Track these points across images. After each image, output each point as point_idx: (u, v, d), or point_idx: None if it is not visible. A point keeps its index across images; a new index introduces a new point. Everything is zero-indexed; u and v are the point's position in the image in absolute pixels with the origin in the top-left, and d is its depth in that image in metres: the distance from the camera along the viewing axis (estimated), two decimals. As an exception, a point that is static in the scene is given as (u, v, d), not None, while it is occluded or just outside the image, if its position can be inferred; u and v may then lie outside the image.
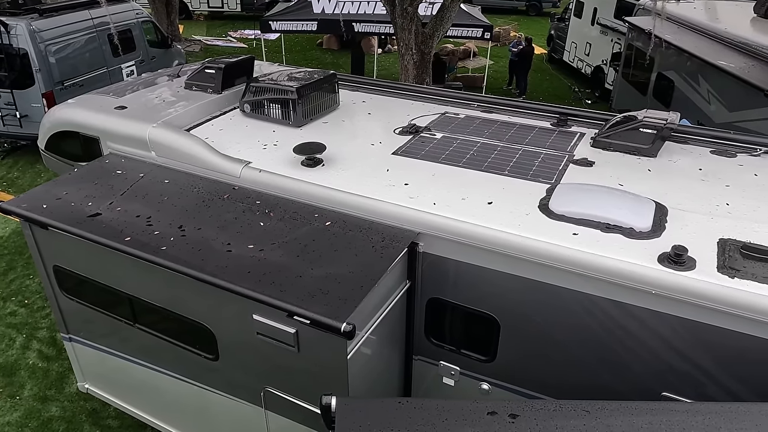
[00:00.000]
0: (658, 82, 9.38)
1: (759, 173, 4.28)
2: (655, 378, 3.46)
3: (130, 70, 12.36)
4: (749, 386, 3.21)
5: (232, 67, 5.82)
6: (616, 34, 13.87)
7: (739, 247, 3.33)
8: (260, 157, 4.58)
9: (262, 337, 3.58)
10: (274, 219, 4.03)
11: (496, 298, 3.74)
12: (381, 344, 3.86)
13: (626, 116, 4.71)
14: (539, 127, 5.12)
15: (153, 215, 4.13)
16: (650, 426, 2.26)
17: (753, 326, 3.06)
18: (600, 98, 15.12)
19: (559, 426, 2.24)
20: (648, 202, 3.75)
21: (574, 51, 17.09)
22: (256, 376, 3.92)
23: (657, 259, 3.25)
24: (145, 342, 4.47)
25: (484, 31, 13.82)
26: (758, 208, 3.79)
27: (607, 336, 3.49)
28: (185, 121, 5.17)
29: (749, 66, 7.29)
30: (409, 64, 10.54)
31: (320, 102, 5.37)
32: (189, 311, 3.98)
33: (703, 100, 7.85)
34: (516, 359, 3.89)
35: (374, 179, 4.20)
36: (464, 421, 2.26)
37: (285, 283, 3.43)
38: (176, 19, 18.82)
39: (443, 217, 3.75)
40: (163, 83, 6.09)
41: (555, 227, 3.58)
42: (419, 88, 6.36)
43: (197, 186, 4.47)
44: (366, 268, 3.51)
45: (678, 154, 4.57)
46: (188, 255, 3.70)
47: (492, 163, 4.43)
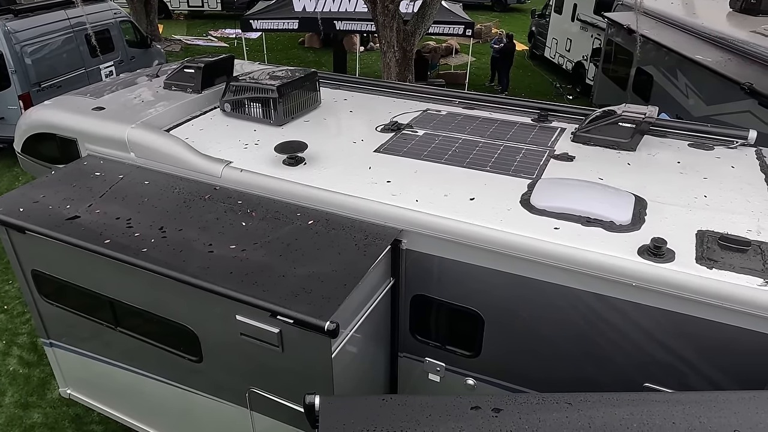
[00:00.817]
0: (638, 77, 9.48)
1: (736, 165, 4.35)
2: (638, 369, 3.50)
3: (108, 71, 12.20)
4: (729, 375, 3.27)
5: (212, 66, 5.77)
6: (596, 29, 14.00)
7: (717, 238, 3.37)
8: (241, 157, 4.54)
9: (245, 338, 3.56)
10: (256, 219, 4.00)
11: (480, 294, 3.75)
12: (366, 342, 3.86)
13: (605, 111, 4.75)
14: (520, 123, 5.15)
15: (133, 217, 4.08)
16: (631, 416, 2.28)
17: (731, 316, 3.11)
18: (581, 93, 15.26)
19: (542, 419, 2.25)
20: (627, 195, 3.79)
21: (555, 47, 17.23)
22: (240, 377, 3.90)
23: (637, 252, 3.29)
24: (128, 345, 4.42)
25: (466, 28, 13.86)
26: (735, 199, 3.85)
27: (590, 329, 3.52)
28: (165, 121, 5.11)
29: (725, 60, 7.39)
30: (392, 62, 10.54)
31: (301, 100, 5.34)
32: (171, 313, 3.93)
33: (681, 94, 7.95)
34: (500, 354, 3.91)
35: (356, 177, 4.19)
36: (448, 416, 2.26)
37: (268, 282, 3.41)
38: (155, 18, 18.59)
39: (426, 214, 3.75)
40: (142, 83, 6.01)
41: (536, 222, 3.60)
42: (400, 85, 6.37)
43: (178, 187, 4.42)
44: (349, 266, 3.50)
45: (657, 147, 4.63)
46: (169, 256, 3.66)
47: (474, 159, 4.44)
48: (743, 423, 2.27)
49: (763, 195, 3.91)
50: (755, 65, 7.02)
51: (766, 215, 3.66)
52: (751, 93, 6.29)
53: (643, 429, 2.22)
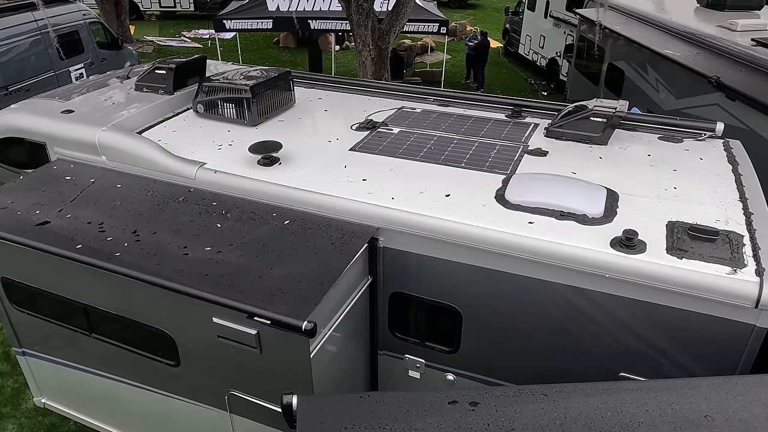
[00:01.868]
0: (609, 73, 9.63)
1: (704, 157, 4.44)
2: (613, 359, 3.56)
3: (79, 73, 11.98)
4: (701, 362, 3.34)
5: (184, 67, 5.70)
6: (569, 26, 14.17)
7: (687, 228, 3.44)
8: (215, 158, 4.50)
9: (223, 340, 3.53)
10: (232, 220, 3.97)
11: (457, 290, 3.78)
12: (345, 341, 3.86)
13: (577, 106, 4.81)
14: (494, 119, 5.19)
15: (105, 221, 4.01)
16: (605, 406, 2.32)
17: (701, 304, 3.18)
18: (555, 89, 15.43)
19: (519, 411, 2.27)
20: (600, 188, 3.85)
21: (529, 44, 17.39)
22: (219, 380, 3.86)
23: (609, 244, 3.34)
24: (103, 352, 4.35)
25: (440, 26, 13.91)
26: (704, 190, 3.93)
27: (567, 321, 3.57)
28: (136, 123, 5.04)
29: (694, 54, 7.54)
30: (367, 61, 10.54)
31: (275, 100, 5.31)
32: (147, 318, 3.88)
33: (651, 89, 8.10)
34: (479, 349, 3.94)
35: (332, 176, 4.18)
36: (426, 411, 2.28)
37: (244, 284, 3.38)
38: (126, 19, 18.31)
39: (402, 211, 3.76)
40: (113, 85, 5.91)
41: (511, 217, 3.64)
42: (375, 83, 6.37)
43: (151, 189, 4.36)
44: (326, 265, 3.50)
45: (628, 141, 4.70)
46: (143, 260, 3.62)
47: (449, 155, 4.47)
48: (713, 408, 2.33)
49: (730, 186, 4.00)
50: (722, 59, 7.18)
51: (733, 205, 3.75)
52: (718, 86, 6.43)
53: (617, 417, 2.26)
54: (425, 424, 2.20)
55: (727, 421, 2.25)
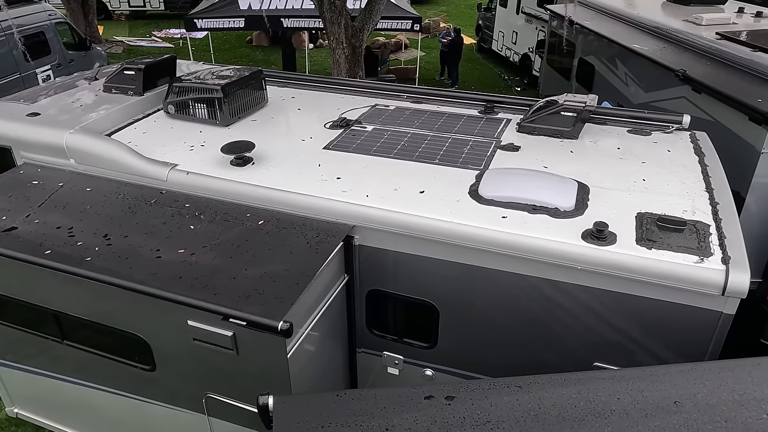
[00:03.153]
0: (580, 68, 9.76)
1: (672, 149, 4.53)
2: (588, 350, 3.62)
3: (46, 75, 11.71)
4: (672, 350, 3.42)
5: (153, 67, 5.61)
6: (540, 22, 14.32)
7: (655, 219, 3.52)
8: (187, 159, 4.45)
9: (199, 343, 3.49)
10: (205, 221, 3.93)
11: (433, 285, 3.80)
12: (322, 340, 3.85)
13: (548, 101, 4.87)
14: (467, 115, 5.22)
15: (75, 225, 3.94)
16: (578, 395, 2.36)
17: (670, 293, 3.25)
18: (528, 85, 15.59)
19: (494, 403, 2.30)
20: (571, 182, 3.90)
21: (502, 40, 17.53)
22: (196, 383, 3.82)
23: (581, 236, 3.39)
24: (77, 359, 4.27)
25: (414, 23, 13.94)
26: (671, 181, 4.02)
27: (542, 313, 3.62)
28: (106, 125, 4.95)
29: (661, 49, 7.69)
30: (341, 59, 10.50)
31: (247, 99, 5.26)
32: (120, 323, 3.82)
33: (621, 83, 8.23)
34: (456, 343, 3.97)
35: (306, 175, 4.17)
36: (402, 407, 2.29)
37: (219, 285, 3.35)
38: (94, 19, 17.97)
39: (377, 209, 3.76)
40: (80, 87, 5.79)
41: (485, 212, 3.67)
42: (348, 81, 6.36)
43: (122, 192, 4.30)
44: (301, 264, 3.48)
45: (598, 134, 4.78)
46: (115, 264, 3.56)
47: (423, 152, 4.48)
48: (682, 394, 2.38)
49: (697, 177, 4.09)
50: (688, 53, 7.33)
51: (700, 196, 3.83)
52: (685, 79, 6.56)
53: (590, 406, 2.30)
54: (402, 420, 2.22)
55: (695, 406, 2.31)
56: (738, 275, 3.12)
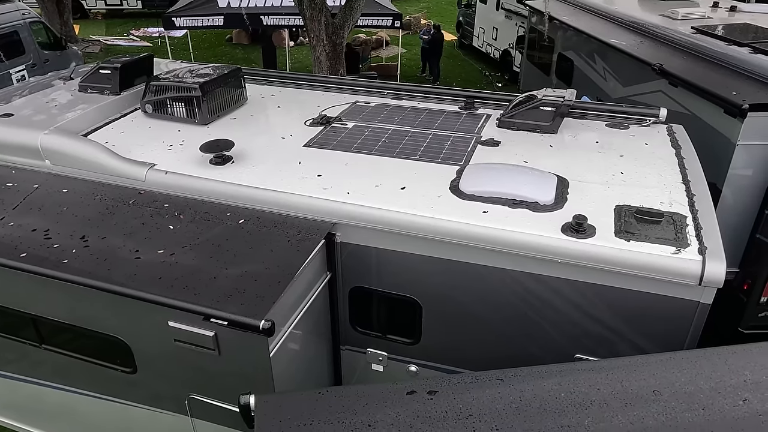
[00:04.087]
0: (560, 63, 9.83)
1: (649, 142, 4.59)
2: (570, 341, 3.65)
3: (20, 75, 11.50)
4: (652, 340, 3.46)
5: (130, 66, 5.53)
6: (520, 18, 14.40)
7: (633, 212, 3.56)
8: (166, 159, 4.39)
9: (180, 344, 3.46)
10: (185, 221, 3.89)
11: (416, 281, 3.81)
12: (305, 338, 3.84)
13: (527, 96, 4.90)
14: (448, 111, 5.23)
15: (51, 228, 3.87)
16: (559, 386, 2.38)
17: (649, 284, 3.29)
18: (509, 81, 15.68)
19: (475, 397, 2.31)
20: (550, 176, 3.93)
21: (483, 36, 17.60)
22: (178, 385, 3.79)
23: (560, 229, 3.42)
24: (56, 363, 4.20)
25: (394, 20, 13.94)
26: (649, 174, 4.06)
27: (524, 306, 3.64)
28: (82, 125, 4.87)
29: (638, 43, 7.77)
30: (322, 56, 10.45)
31: (226, 98, 5.21)
32: (99, 325, 3.77)
33: (600, 78, 8.30)
34: (440, 338, 3.98)
35: (286, 173, 4.14)
36: (384, 403, 2.29)
37: (199, 285, 3.32)
38: (70, 18, 17.68)
39: (358, 206, 3.75)
40: (55, 87, 5.70)
41: (466, 207, 3.68)
42: (328, 78, 6.33)
43: (99, 193, 4.23)
44: (283, 263, 3.47)
45: (576, 129, 4.82)
46: (93, 266, 3.51)
47: (403, 148, 4.48)
48: (661, 383, 2.42)
49: (674, 169, 4.15)
50: (665, 47, 7.42)
51: (677, 188, 3.89)
52: (661, 73, 6.64)
53: (570, 397, 2.33)
54: (384, 416, 2.22)
55: (674, 394, 2.34)
56: (714, 265, 3.16)
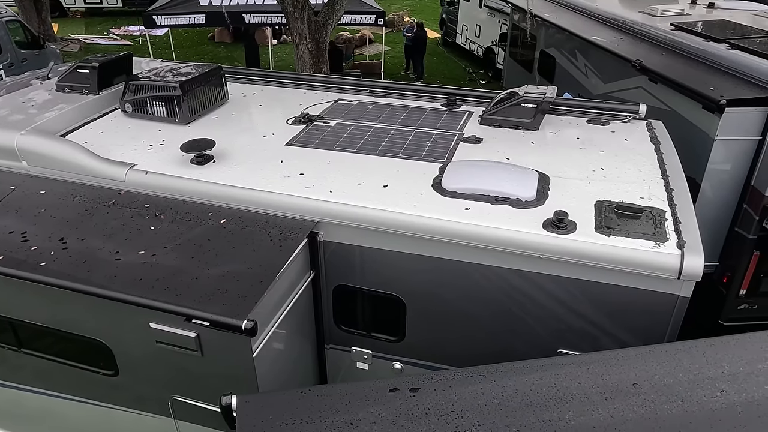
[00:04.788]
0: (542, 60, 9.89)
1: (629, 138, 4.64)
2: (552, 336, 3.68)
3: (-3, 75, 11.30)
4: (633, 333, 3.50)
5: (109, 64, 5.46)
6: (503, 15, 14.46)
7: (614, 207, 3.59)
8: (146, 159, 4.35)
9: (162, 345, 3.43)
10: (166, 222, 3.85)
11: (399, 279, 3.81)
12: (289, 338, 3.82)
13: (509, 93, 4.93)
14: (430, 109, 5.24)
15: (29, 230, 3.81)
16: (541, 381, 2.40)
17: (629, 278, 3.33)
18: (493, 78, 15.75)
19: (458, 393, 2.32)
20: (532, 172, 3.95)
21: (466, 33, 17.65)
22: (161, 387, 3.76)
23: (542, 225, 3.44)
24: (35, 367, 4.14)
25: (378, 18, 13.93)
26: (629, 170, 4.11)
27: (506, 302, 3.66)
28: (59, 126, 4.80)
29: (618, 40, 7.84)
30: (305, 54, 10.41)
31: (207, 96, 5.17)
32: (79, 328, 3.72)
33: (581, 74, 8.37)
34: (424, 336, 3.99)
35: (268, 172, 4.12)
36: (367, 401, 2.29)
37: (180, 286, 3.29)
38: (48, 17, 17.41)
39: (340, 204, 3.75)
40: (31, 87, 5.60)
41: (448, 204, 3.69)
42: (310, 76, 6.31)
43: (78, 194, 4.18)
44: (265, 262, 3.45)
45: (557, 125, 4.85)
46: (72, 268, 3.46)
47: (386, 146, 4.48)
48: (641, 376, 2.45)
49: (653, 164, 4.20)
50: (645, 44, 7.50)
51: (656, 183, 3.93)
52: (641, 69, 6.71)
53: (552, 392, 2.34)
54: (367, 414, 2.22)
55: (653, 387, 2.37)
56: (693, 259, 3.21)
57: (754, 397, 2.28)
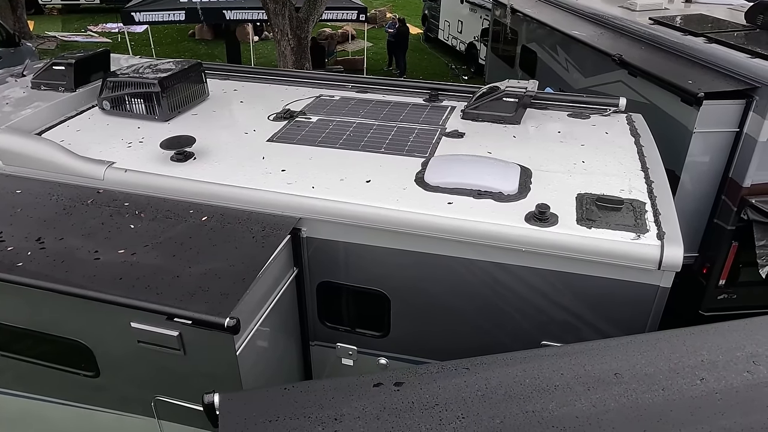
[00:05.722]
0: (523, 55, 9.93)
1: (609, 131, 4.68)
2: (536, 329, 3.71)
3: (-29, 74, 11.04)
4: (614, 324, 3.54)
5: (86, 61, 5.37)
6: (484, 10, 14.49)
7: (594, 199, 3.62)
8: (125, 156, 4.29)
9: (144, 345, 3.38)
10: (146, 220, 3.80)
11: (383, 274, 3.81)
12: (273, 335, 3.80)
13: (490, 87, 4.94)
14: (413, 104, 5.24)
15: (4, 230, 3.73)
16: (524, 373, 2.41)
17: (610, 270, 3.36)
18: (475, 73, 15.79)
19: (442, 386, 2.32)
20: (514, 166, 3.97)
21: (448, 29, 17.67)
22: (143, 387, 3.71)
23: (524, 219, 3.46)
24: (14, 370, 4.06)
25: (359, 13, 13.87)
26: (609, 162, 4.14)
27: (490, 296, 3.68)
28: (35, 124, 4.72)
29: (598, 34, 7.90)
30: (287, 50, 10.33)
31: (187, 93, 5.10)
32: (58, 329, 3.66)
33: (562, 69, 8.42)
34: (409, 330, 3.99)
35: (250, 168, 4.09)
36: (351, 396, 2.29)
37: (162, 285, 3.25)
38: (23, 14, 17.08)
39: (323, 200, 3.73)
40: (6, 84, 5.49)
41: (431, 198, 3.69)
42: (292, 72, 6.27)
43: (56, 193, 4.10)
44: (247, 260, 3.42)
45: (539, 119, 4.88)
46: (49, 268, 3.40)
47: (368, 142, 4.47)
48: (622, 365, 2.47)
49: (633, 157, 4.24)
50: (624, 38, 7.56)
51: (636, 175, 3.97)
52: (621, 63, 6.77)
53: (535, 383, 2.36)
54: (351, 409, 2.21)
55: (634, 376, 2.40)
56: (672, 250, 3.25)
57: (733, 384, 2.32)
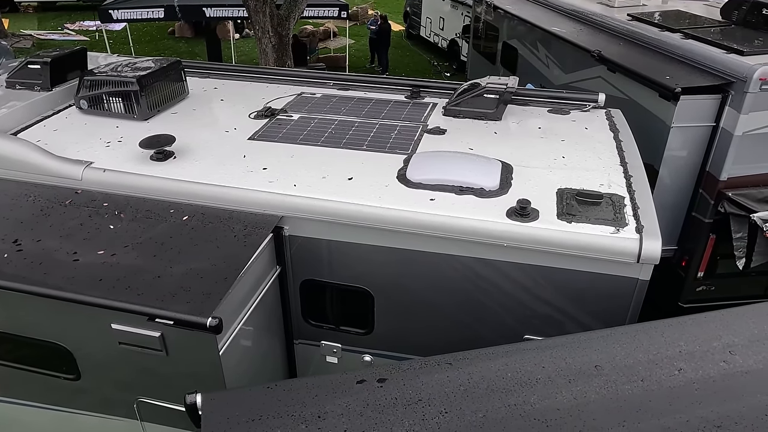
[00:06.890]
0: (505, 51, 9.98)
1: (589, 127, 4.73)
2: (519, 323, 3.74)
3: (-56, 73, 10.80)
4: (596, 317, 3.58)
5: (62, 60, 5.28)
6: (466, 7, 14.52)
7: (575, 194, 3.66)
8: (104, 156, 4.23)
9: (125, 347, 3.35)
10: (126, 220, 3.75)
11: (366, 271, 3.81)
12: (257, 334, 3.78)
13: (471, 84, 4.96)
14: (394, 101, 5.24)
15: (-20, 232, 3.67)
16: (506, 367, 2.43)
17: (590, 263, 3.40)
18: (457, 70, 15.82)
19: (425, 382, 2.34)
20: (495, 162, 4.00)
21: (430, 26, 17.68)
22: (125, 388, 3.67)
23: (505, 214, 3.49)
24: (-6, 374, 4.00)
25: (341, 10, 13.83)
26: (589, 158, 4.19)
27: (474, 291, 3.70)
28: (10, 124, 4.63)
29: (578, 31, 7.97)
30: (268, 48, 10.26)
31: (166, 91, 5.05)
32: (37, 332, 3.61)
33: (543, 65, 8.48)
34: (393, 327, 4.00)
35: (231, 167, 4.06)
36: (334, 393, 2.29)
37: (142, 285, 3.22)
38: (-2, 12, 16.71)
39: (305, 198, 3.72)
40: (-21, 84, 5.38)
41: (413, 195, 3.70)
42: (273, 70, 6.23)
43: (33, 194, 4.03)
44: (229, 259, 3.40)
45: (520, 115, 4.91)
46: (27, 270, 3.34)
47: (350, 139, 4.46)
48: (603, 357, 2.51)
49: (612, 152, 4.29)
50: (603, 34, 7.64)
51: (615, 170, 4.02)
52: (600, 59, 6.84)
53: (517, 377, 2.38)
54: (334, 406, 2.21)
55: (614, 368, 2.43)
56: (651, 243, 3.29)
57: (710, 374, 2.37)
